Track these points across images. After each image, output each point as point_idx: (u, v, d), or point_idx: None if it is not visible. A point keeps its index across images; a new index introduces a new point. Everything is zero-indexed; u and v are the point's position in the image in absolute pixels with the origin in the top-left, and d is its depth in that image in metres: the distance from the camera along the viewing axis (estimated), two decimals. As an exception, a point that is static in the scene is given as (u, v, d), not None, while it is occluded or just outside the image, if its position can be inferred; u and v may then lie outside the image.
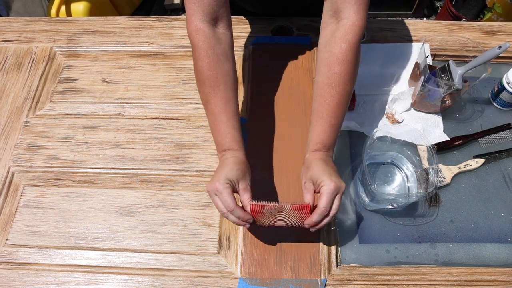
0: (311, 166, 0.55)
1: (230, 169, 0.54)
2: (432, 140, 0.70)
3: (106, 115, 0.76)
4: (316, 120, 0.58)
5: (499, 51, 0.61)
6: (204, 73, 0.57)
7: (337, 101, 0.56)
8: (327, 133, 0.57)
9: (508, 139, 0.72)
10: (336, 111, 0.57)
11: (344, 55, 0.55)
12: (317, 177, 0.53)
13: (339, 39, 0.55)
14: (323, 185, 0.52)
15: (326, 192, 0.51)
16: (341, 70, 0.55)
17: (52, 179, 0.70)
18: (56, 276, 0.62)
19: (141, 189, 0.69)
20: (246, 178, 0.56)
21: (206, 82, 0.58)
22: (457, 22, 0.89)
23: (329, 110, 0.56)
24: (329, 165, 0.55)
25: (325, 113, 0.57)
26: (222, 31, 0.60)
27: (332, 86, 0.56)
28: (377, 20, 0.89)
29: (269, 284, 0.60)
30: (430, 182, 0.63)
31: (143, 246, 0.64)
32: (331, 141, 0.57)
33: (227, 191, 0.52)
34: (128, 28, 0.88)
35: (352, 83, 0.57)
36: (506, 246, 0.63)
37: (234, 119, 0.58)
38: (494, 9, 1.63)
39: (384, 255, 0.62)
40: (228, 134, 0.57)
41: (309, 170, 0.55)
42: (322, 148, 0.57)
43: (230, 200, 0.52)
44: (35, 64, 0.83)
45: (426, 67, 0.68)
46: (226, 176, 0.53)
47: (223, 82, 0.58)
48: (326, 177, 0.52)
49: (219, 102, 0.58)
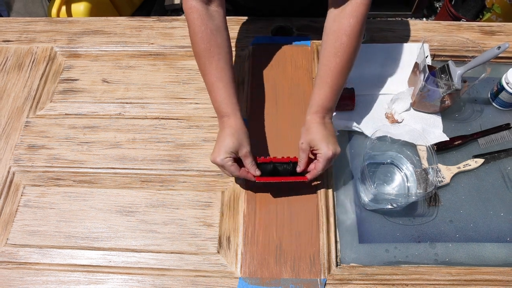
0: (311, 129, 0.61)
1: (227, 143, 0.60)
2: (431, 140, 0.71)
3: (106, 115, 0.77)
4: (320, 86, 0.63)
5: (498, 51, 0.61)
6: (199, 46, 0.63)
7: (341, 69, 0.61)
8: (329, 98, 0.62)
9: (507, 139, 0.72)
10: (339, 78, 0.62)
11: (352, 28, 0.60)
12: (315, 143, 0.60)
13: (348, 14, 0.60)
14: (321, 153, 0.59)
15: (323, 159, 0.59)
16: (348, 42, 0.60)
17: (53, 179, 0.70)
18: (56, 276, 0.62)
19: (141, 189, 0.69)
20: (245, 145, 0.61)
21: (201, 55, 0.63)
22: (457, 22, 0.89)
23: (333, 77, 0.62)
24: (328, 130, 0.61)
25: (329, 80, 0.62)
26: (215, 9, 0.65)
27: (338, 55, 0.61)
28: (376, 21, 0.89)
29: (269, 284, 0.60)
30: (429, 182, 0.64)
31: (143, 246, 0.64)
32: (332, 104, 0.63)
33: (228, 164, 0.60)
34: (128, 28, 0.88)
35: (355, 54, 0.62)
36: (505, 246, 0.63)
37: (228, 86, 0.63)
38: (493, 10, 1.63)
39: (384, 255, 0.63)
40: (223, 101, 0.63)
41: (308, 134, 0.61)
42: (323, 111, 0.62)
43: (233, 170, 0.60)
44: (36, 64, 0.84)
45: (425, 67, 0.68)
46: (225, 150, 0.59)
47: (216, 53, 0.63)
48: (323, 144, 0.59)
49: (214, 71, 0.63)
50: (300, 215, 0.65)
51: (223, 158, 0.59)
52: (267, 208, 0.66)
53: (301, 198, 0.66)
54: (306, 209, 0.65)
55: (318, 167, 0.60)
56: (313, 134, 0.60)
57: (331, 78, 0.62)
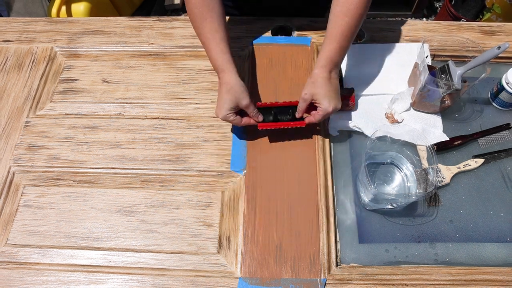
0: (316, 83, 0.65)
1: (225, 101, 0.65)
2: (431, 140, 0.71)
3: (106, 115, 0.77)
4: (329, 42, 0.66)
5: (498, 51, 0.61)
6: (192, 11, 0.68)
7: (349, 28, 0.65)
8: (338, 53, 0.65)
9: (507, 139, 0.72)
10: (348, 35, 0.65)
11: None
12: (318, 97, 0.64)
13: None
14: (321, 107, 0.64)
15: (322, 112, 0.64)
16: (357, 2, 0.64)
17: (53, 179, 0.70)
18: (56, 276, 0.62)
19: (141, 189, 0.69)
20: (243, 97, 0.66)
21: (195, 19, 0.68)
22: (457, 22, 0.89)
23: (342, 35, 0.65)
24: (332, 86, 0.65)
25: (338, 37, 0.65)
26: None
27: (348, 15, 0.64)
28: (376, 21, 0.89)
29: (269, 284, 0.60)
30: (429, 182, 0.64)
31: (143, 246, 0.64)
32: (339, 59, 0.67)
33: (231, 118, 0.66)
34: (128, 28, 0.88)
35: (364, 15, 0.66)
36: (505, 246, 0.63)
37: (222, 45, 0.67)
38: (493, 10, 1.63)
39: (384, 255, 0.63)
40: (218, 58, 0.67)
41: (313, 87, 0.65)
42: (330, 65, 0.65)
43: (237, 121, 0.67)
44: (36, 64, 0.84)
45: (425, 67, 0.68)
46: (225, 107, 0.65)
47: (209, 16, 0.67)
48: (326, 100, 0.63)
49: (208, 33, 0.68)
50: (300, 215, 0.65)
51: (224, 115, 0.65)
52: (267, 208, 0.66)
53: (301, 198, 0.66)
54: (306, 209, 0.65)
55: (316, 117, 0.66)
56: (318, 88, 0.64)
57: (340, 35, 0.65)
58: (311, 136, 0.72)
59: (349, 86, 0.77)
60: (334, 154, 0.71)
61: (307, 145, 0.71)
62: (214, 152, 0.71)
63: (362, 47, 0.82)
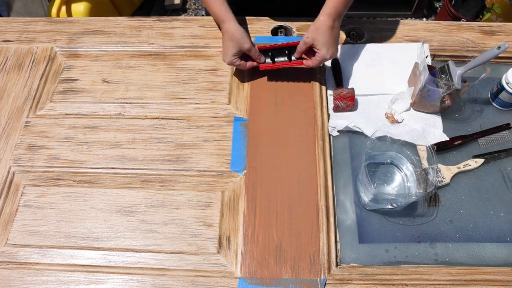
0: (319, 29, 0.69)
1: (228, 48, 0.72)
2: (431, 140, 0.71)
3: (106, 115, 0.77)
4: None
5: (498, 51, 0.61)
6: None
7: None
8: (343, 4, 0.69)
9: (507, 139, 0.72)
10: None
11: None
12: (318, 43, 0.69)
13: None
14: (320, 54, 0.69)
15: (320, 57, 0.70)
16: None
17: (53, 179, 0.70)
18: (56, 276, 0.62)
19: (141, 189, 0.69)
20: (244, 42, 0.71)
21: None
22: (457, 22, 0.89)
23: None
24: (334, 35, 0.69)
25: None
26: None
27: None
28: (376, 21, 0.89)
29: (269, 284, 0.60)
30: (429, 182, 0.64)
31: (143, 246, 0.64)
32: (343, 10, 0.70)
33: (236, 63, 0.73)
34: (128, 28, 0.88)
35: None
36: (505, 246, 0.63)
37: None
38: (493, 10, 1.63)
39: (384, 255, 0.63)
40: (219, 11, 0.74)
41: (316, 33, 0.69)
42: (335, 14, 0.69)
43: (242, 66, 0.74)
44: (36, 64, 0.84)
45: (425, 67, 0.68)
46: (230, 53, 0.72)
47: None
48: (325, 48, 0.69)
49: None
50: (300, 215, 0.65)
51: (230, 60, 0.73)
52: (267, 208, 0.66)
53: (301, 198, 0.66)
54: (306, 209, 0.65)
55: (313, 62, 0.71)
56: (320, 35, 0.68)
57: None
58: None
59: (349, 86, 0.77)
60: (334, 154, 0.71)
61: (307, 145, 0.71)
62: (214, 152, 0.71)
63: (362, 47, 0.82)
